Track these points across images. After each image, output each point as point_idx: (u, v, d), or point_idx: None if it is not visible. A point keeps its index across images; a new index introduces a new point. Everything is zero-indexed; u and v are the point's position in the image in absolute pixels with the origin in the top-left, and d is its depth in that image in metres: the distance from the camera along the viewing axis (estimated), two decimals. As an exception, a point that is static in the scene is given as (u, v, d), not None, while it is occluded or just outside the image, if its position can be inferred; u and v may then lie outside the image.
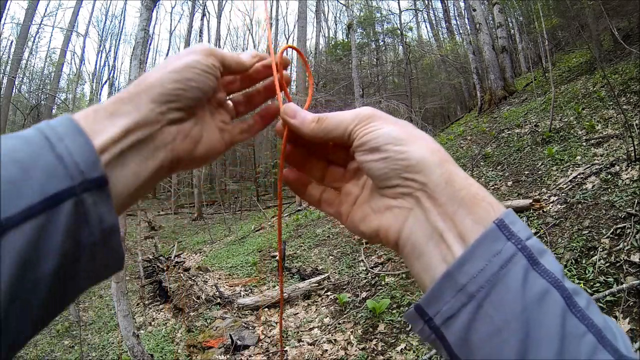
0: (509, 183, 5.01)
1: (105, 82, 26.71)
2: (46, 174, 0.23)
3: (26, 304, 0.22)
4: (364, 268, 4.45)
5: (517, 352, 0.23)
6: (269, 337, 3.56)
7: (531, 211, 3.88)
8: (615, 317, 2.28)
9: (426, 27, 26.98)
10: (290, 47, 0.46)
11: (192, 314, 4.50)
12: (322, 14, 25.44)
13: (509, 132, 6.93)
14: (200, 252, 8.73)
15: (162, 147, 0.31)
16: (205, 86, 0.33)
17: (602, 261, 2.74)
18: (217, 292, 4.77)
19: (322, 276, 4.53)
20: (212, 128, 0.36)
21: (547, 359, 0.22)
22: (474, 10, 10.82)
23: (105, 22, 27.16)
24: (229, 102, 0.40)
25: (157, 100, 0.30)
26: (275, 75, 0.39)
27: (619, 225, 2.95)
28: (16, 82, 15.38)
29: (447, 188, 0.27)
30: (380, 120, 0.31)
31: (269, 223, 9.88)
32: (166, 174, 0.32)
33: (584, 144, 4.82)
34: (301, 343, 3.30)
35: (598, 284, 2.59)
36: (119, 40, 27.42)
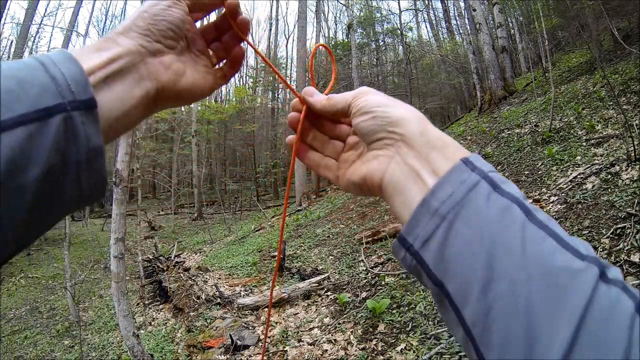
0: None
1: (105, 82, 26.68)
2: (40, 89, 0.25)
3: (12, 207, 0.23)
4: (364, 268, 4.45)
5: (485, 258, 0.26)
6: (269, 337, 3.56)
7: (531, 211, 3.88)
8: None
9: (426, 27, 27.00)
10: (322, 45, 0.55)
11: (192, 314, 4.50)
12: (322, 14, 25.41)
13: (509, 132, 6.93)
14: (200, 252, 8.73)
15: (146, 77, 0.34)
16: (172, 18, 0.37)
17: (602, 261, 2.74)
18: (217, 292, 4.77)
19: (322, 276, 4.53)
20: (194, 66, 0.40)
21: (511, 260, 0.25)
22: (474, 10, 10.81)
23: (105, 22, 27.17)
24: (209, 50, 0.43)
25: (134, 37, 0.34)
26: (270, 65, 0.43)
27: (619, 225, 2.95)
28: (16, 82, 15.34)
29: (422, 137, 0.33)
30: (372, 94, 0.38)
31: (269, 223, 9.88)
32: (153, 106, 0.36)
33: (584, 144, 4.82)
34: (301, 343, 3.29)
35: (598, 284, 2.59)
36: (119, 40, 27.39)
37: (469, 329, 0.26)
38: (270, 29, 29.02)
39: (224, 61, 0.44)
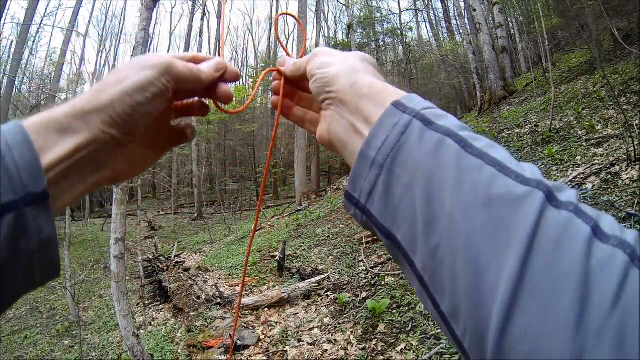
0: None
1: (105, 82, 26.66)
2: None
3: None
4: (364, 268, 4.45)
5: (424, 198, 0.25)
6: (269, 337, 3.56)
7: (531, 211, 3.88)
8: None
9: (426, 27, 26.99)
10: (285, 14, 0.55)
11: (192, 314, 4.50)
12: (322, 14, 25.42)
13: (509, 132, 6.93)
14: (200, 252, 8.73)
15: (105, 167, 0.33)
16: (154, 111, 0.34)
17: (602, 261, 2.74)
18: (217, 292, 4.77)
19: (322, 276, 4.53)
20: (150, 142, 0.38)
21: (448, 195, 0.24)
22: (474, 10, 10.81)
23: (105, 22, 27.18)
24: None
25: (107, 122, 0.31)
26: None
27: (619, 225, 2.96)
28: (16, 82, 15.38)
29: (352, 89, 0.33)
30: (321, 55, 0.38)
31: (269, 223, 9.88)
32: (101, 187, 0.35)
33: (584, 144, 4.82)
34: (301, 343, 3.29)
35: (598, 284, 2.59)
36: (119, 40, 27.44)
37: (421, 276, 0.25)
38: (270, 29, 29.02)
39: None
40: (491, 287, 0.20)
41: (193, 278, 5.53)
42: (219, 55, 0.41)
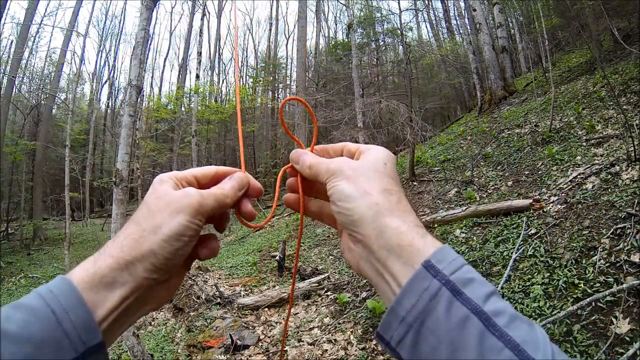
0: (509, 183, 5.01)
1: (105, 82, 26.71)
2: (55, 349, 0.27)
3: None
4: (364, 268, 4.45)
5: None
6: (269, 337, 3.56)
7: (531, 211, 3.88)
8: (615, 317, 2.28)
9: (426, 27, 26.98)
10: (292, 99, 0.53)
11: (192, 313, 4.50)
12: (322, 14, 25.42)
13: (509, 132, 6.93)
14: (200, 252, 8.72)
15: (150, 302, 0.36)
16: (190, 248, 0.37)
17: (602, 261, 2.74)
18: (217, 292, 4.77)
19: (322, 276, 4.53)
20: (184, 266, 0.40)
21: None
22: (474, 10, 10.81)
23: (105, 22, 27.15)
24: None
25: (150, 270, 0.34)
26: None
27: (619, 225, 2.95)
28: (16, 82, 15.38)
29: (379, 240, 0.34)
30: (340, 177, 0.38)
31: (269, 223, 9.87)
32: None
33: (584, 144, 4.82)
34: (301, 343, 3.29)
35: (598, 284, 2.59)
36: (119, 40, 27.41)
37: None
38: (270, 29, 29.02)
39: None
40: None
41: (193, 278, 5.53)
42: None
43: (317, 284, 4.36)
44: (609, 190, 3.47)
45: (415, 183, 6.90)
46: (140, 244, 0.34)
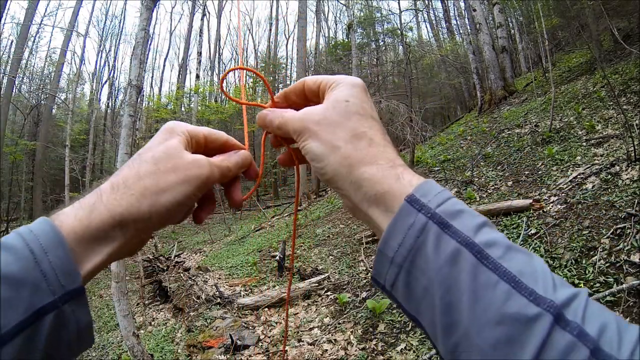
0: (509, 183, 5.01)
1: (105, 82, 26.69)
2: (33, 289, 0.26)
3: None
4: (364, 268, 4.45)
5: (442, 305, 0.26)
6: (269, 337, 3.56)
7: (531, 211, 3.88)
8: (615, 317, 2.28)
9: (426, 27, 26.99)
10: (235, 69, 0.50)
11: (192, 314, 4.50)
12: (322, 14, 25.43)
13: (509, 132, 6.93)
14: (200, 252, 8.73)
15: (134, 245, 0.35)
16: (186, 217, 0.37)
17: (602, 261, 2.74)
18: (217, 292, 4.77)
19: (322, 276, 4.53)
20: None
21: (465, 309, 0.25)
22: (474, 10, 10.81)
23: (105, 22, 27.11)
24: None
25: (143, 231, 0.33)
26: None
27: (619, 225, 2.95)
28: (16, 82, 15.37)
29: (358, 193, 0.33)
30: (306, 135, 0.35)
31: (269, 223, 9.88)
32: None
33: (584, 144, 4.82)
34: (301, 343, 3.29)
35: (598, 284, 2.59)
36: (119, 40, 27.41)
37: (443, 357, 0.28)
38: (270, 29, 29.02)
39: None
40: None
41: (193, 278, 5.53)
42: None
43: (317, 284, 4.36)
44: (609, 190, 3.47)
45: (415, 183, 6.89)
46: (140, 204, 0.32)
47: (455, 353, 0.26)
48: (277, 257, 5.23)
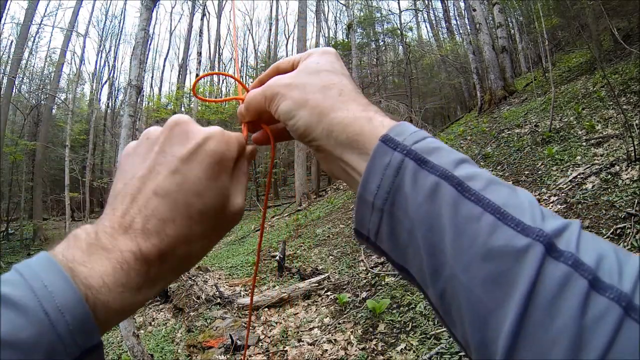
0: (509, 183, 5.01)
1: (105, 82, 26.70)
2: (47, 354, 0.23)
3: None
4: (364, 268, 4.45)
5: (426, 246, 0.25)
6: (269, 337, 3.56)
7: (531, 211, 3.88)
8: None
9: (426, 27, 26.99)
10: (206, 75, 0.49)
11: (192, 314, 4.50)
12: (322, 14, 25.41)
13: (509, 132, 6.93)
14: (200, 252, 8.73)
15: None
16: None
17: (602, 261, 2.74)
18: (217, 292, 4.77)
19: (322, 276, 4.53)
20: None
21: (449, 246, 0.23)
22: (474, 10, 10.81)
23: (105, 22, 27.12)
24: None
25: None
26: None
27: (619, 225, 2.96)
28: (16, 82, 15.37)
29: (330, 140, 0.32)
30: (277, 97, 0.35)
31: (269, 223, 9.88)
32: None
33: (584, 144, 4.82)
34: (301, 343, 3.30)
35: (598, 284, 2.59)
36: (119, 40, 27.41)
37: (435, 308, 0.26)
38: (270, 29, 29.03)
39: None
40: (494, 336, 0.21)
41: (193, 278, 5.53)
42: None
43: (317, 284, 4.36)
44: (609, 190, 3.47)
45: (415, 183, 6.89)
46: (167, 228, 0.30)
47: (444, 298, 0.24)
48: (277, 257, 5.23)
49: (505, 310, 0.21)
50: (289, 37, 33.11)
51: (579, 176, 4.05)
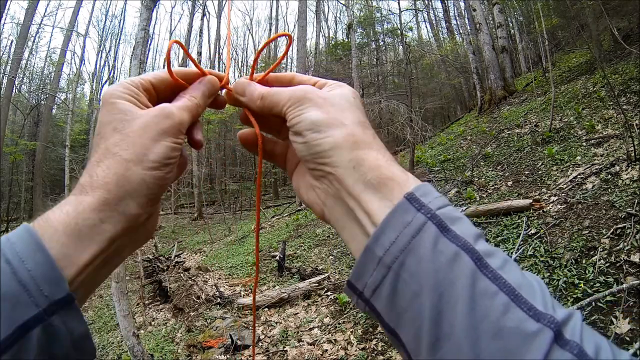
0: (509, 183, 5.01)
1: (105, 82, 26.67)
2: (12, 304, 0.23)
3: None
4: (364, 268, 4.45)
5: (432, 314, 0.24)
6: (269, 337, 3.56)
7: (531, 211, 3.88)
8: (615, 317, 2.28)
9: (426, 27, 26.99)
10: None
11: (192, 314, 4.50)
12: (322, 14, 25.43)
13: (509, 132, 6.93)
14: (200, 252, 8.73)
15: (127, 247, 0.32)
16: (176, 168, 0.34)
17: (602, 261, 2.74)
18: (217, 292, 4.77)
19: (322, 276, 4.53)
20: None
21: (459, 318, 0.23)
22: (474, 10, 10.81)
23: (105, 22, 27.13)
24: None
25: (144, 202, 0.30)
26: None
27: (619, 225, 2.95)
28: (16, 82, 15.38)
29: (355, 172, 0.30)
30: (309, 104, 0.33)
31: (269, 223, 9.87)
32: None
33: (584, 144, 4.82)
34: (301, 343, 3.30)
35: (598, 284, 2.59)
36: (119, 40, 27.41)
37: None
38: (270, 29, 29.02)
39: None
40: None
41: (193, 278, 5.53)
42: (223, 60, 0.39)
43: (317, 284, 4.36)
44: (609, 190, 3.47)
45: (415, 183, 6.89)
46: (129, 177, 0.29)
47: None
48: (277, 257, 5.23)
49: None
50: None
51: (579, 176, 4.05)
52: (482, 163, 6.22)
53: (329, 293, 4.18)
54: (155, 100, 0.36)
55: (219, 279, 5.71)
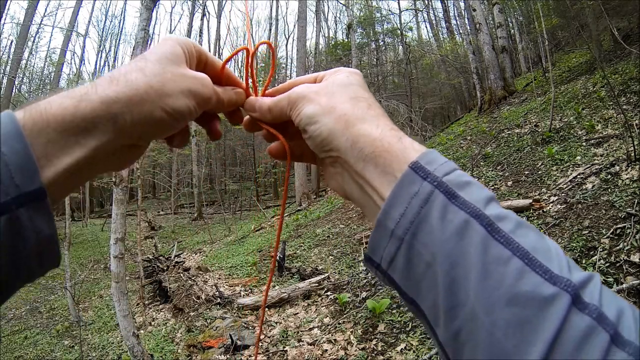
0: (509, 183, 5.01)
1: (105, 82, 26.64)
2: None
3: None
4: (364, 268, 4.45)
5: (446, 283, 0.24)
6: (269, 337, 3.56)
7: (531, 211, 3.88)
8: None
9: (426, 27, 27.00)
10: (265, 42, 0.46)
11: (192, 314, 4.50)
12: (322, 14, 25.43)
13: (509, 132, 6.93)
14: (200, 252, 8.73)
15: (111, 163, 0.31)
16: (183, 140, 0.36)
17: (602, 261, 2.74)
18: (217, 292, 4.77)
19: (322, 276, 4.53)
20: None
21: (473, 286, 0.23)
22: (474, 10, 10.81)
23: (105, 22, 27.17)
24: None
25: (135, 134, 0.30)
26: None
27: (619, 225, 2.95)
28: (16, 82, 15.37)
29: (353, 150, 0.30)
30: (303, 101, 0.34)
31: (269, 223, 9.88)
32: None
33: (584, 144, 4.82)
34: (301, 343, 3.30)
35: (598, 284, 2.59)
36: (119, 40, 27.44)
37: (442, 347, 0.25)
38: (270, 29, 29.02)
39: None
40: None
41: (193, 278, 5.54)
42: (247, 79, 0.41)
43: (317, 284, 4.36)
44: (609, 190, 3.47)
45: (415, 183, 6.89)
46: (142, 102, 0.29)
47: (458, 338, 0.23)
48: (277, 257, 5.23)
49: (526, 357, 0.20)
50: (289, 37, 33.07)
51: (579, 176, 4.05)
52: (482, 163, 6.22)
53: (328, 293, 4.18)
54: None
55: (219, 279, 5.71)
